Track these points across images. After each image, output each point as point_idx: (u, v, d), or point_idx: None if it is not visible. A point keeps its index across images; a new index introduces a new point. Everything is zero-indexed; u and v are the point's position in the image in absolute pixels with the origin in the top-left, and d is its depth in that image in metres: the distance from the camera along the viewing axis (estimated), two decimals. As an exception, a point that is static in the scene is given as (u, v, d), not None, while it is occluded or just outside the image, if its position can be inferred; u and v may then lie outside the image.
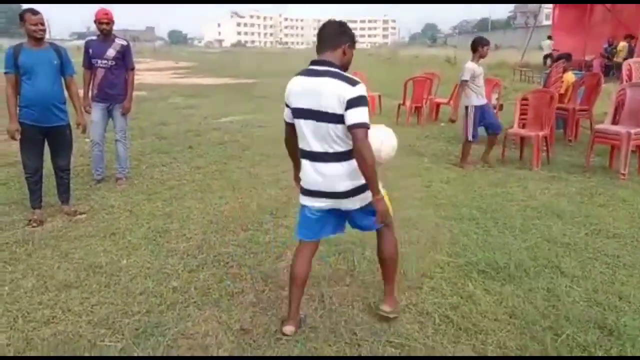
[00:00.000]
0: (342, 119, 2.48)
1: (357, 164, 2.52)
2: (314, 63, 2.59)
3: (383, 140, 2.84)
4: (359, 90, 2.47)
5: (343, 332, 2.81)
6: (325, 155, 2.57)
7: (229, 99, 13.58)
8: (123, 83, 5.44)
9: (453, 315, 2.97)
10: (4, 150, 6.72)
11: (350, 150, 2.53)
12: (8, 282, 3.37)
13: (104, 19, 5.23)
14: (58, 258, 3.74)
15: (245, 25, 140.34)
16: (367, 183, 2.55)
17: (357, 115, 2.44)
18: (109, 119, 5.52)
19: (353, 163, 2.54)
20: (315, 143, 2.57)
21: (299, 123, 2.61)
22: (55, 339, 2.75)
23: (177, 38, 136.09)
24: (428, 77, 10.41)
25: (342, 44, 2.60)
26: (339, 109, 2.46)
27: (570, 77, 8.36)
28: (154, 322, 2.91)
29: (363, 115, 2.46)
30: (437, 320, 2.93)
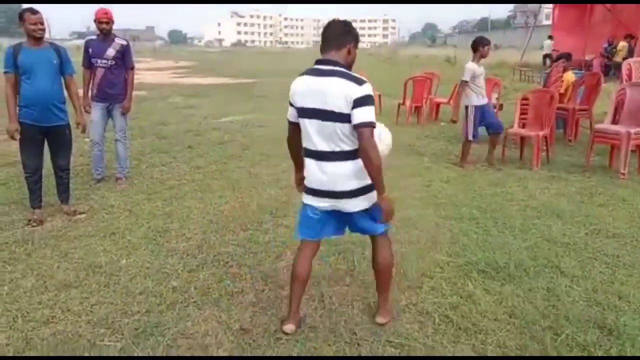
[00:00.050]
0: (348, 118, 2.47)
1: (361, 165, 2.53)
2: (320, 62, 2.58)
3: (381, 138, 2.85)
4: (366, 90, 2.48)
5: (343, 331, 2.82)
6: (332, 154, 2.57)
7: (229, 99, 13.58)
8: (123, 83, 5.44)
9: (453, 315, 2.97)
10: (4, 150, 6.72)
11: (357, 150, 2.54)
12: (7, 281, 3.37)
13: (104, 19, 5.22)
14: (58, 258, 3.74)
15: (245, 25, 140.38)
16: (372, 183, 2.55)
17: (363, 115, 2.45)
18: (109, 119, 5.52)
19: (359, 162, 2.55)
20: (321, 142, 2.57)
21: (304, 122, 2.61)
22: (55, 339, 2.75)
23: (177, 38, 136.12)
24: (428, 76, 10.41)
25: (347, 44, 2.60)
26: (346, 108, 2.46)
27: (570, 76, 8.36)
28: (154, 321, 2.91)
29: (369, 115, 2.47)
30: (436, 320, 2.93)
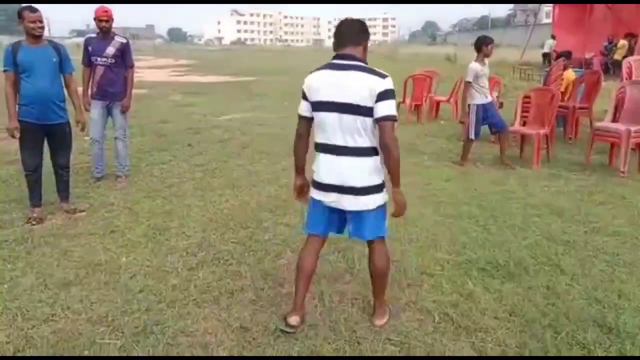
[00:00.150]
0: (370, 112, 2.51)
1: (374, 163, 2.60)
2: (339, 57, 2.60)
3: None
4: (389, 84, 2.52)
5: (343, 329, 2.82)
6: (348, 149, 2.59)
7: (229, 97, 13.56)
8: (122, 81, 5.43)
9: (453, 313, 2.97)
10: (4, 149, 6.71)
11: (372, 148, 2.59)
12: (7, 279, 3.37)
13: (104, 17, 5.21)
14: (57, 256, 3.73)
15: (245, 23, 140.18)
16: (389, 177, 2.60)
17: (386, 108, 2.50)
18: (109, 117, 5.52)
19: (372, 161, 2.61)
20: (338, 136, 2.59)
21: (321, 116, 2.62)
22: (55, 337, 2.75)
23: (176, 36, 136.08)
24: (428, 75, 10.40)
25: (363, 41, 2.65)
26: (370, 102, 2.49)
27: (571, 74, 8.36)
28: (154, 320, 2.91)
29: (392, 108, 2.51)
30: (436, 318, 2.94)
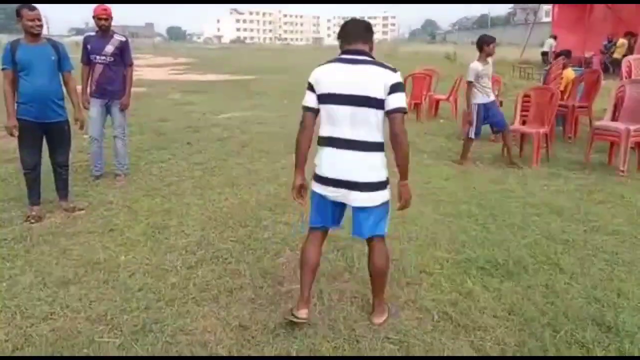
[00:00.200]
0: (382, 105, 2.57)
1: (381, 158, 2.64)
2: (350, 52, 2.65)
3: None
4: (399, 77, 2.61)
5: (342, 328, 2.82)
6: (355, 143, 2.61)
7: (228, 96, 13.55)
8: (121, 79, 5.42)
9: (452, 312, 2.97)
10: (3, 147, 6.70)
11: (380, 143, 2.63)
12: (6, 278, 3.36)
13: (103, 15, 5.20)
14: (56, 254, 3.73)
15: (245, 22, 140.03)
16: (399, 169, 2.65)
17: (398, 100, 2.57)
18: (108, 115, 5.51)
19: (379, 156, 2.64)
20: (347, 130, 2.61)
21: (330, 109, 2.63)
22: (54, 335, 2.74)
23: (176, 34, 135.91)
24: (427, 73, 10.41)
25: (369, 39, 2.73)
26: (383, 94, 2.55)
27: (570, 73, 8.36)
28: (153, 318, 2.90)
29: (403, 101, 2.59)
30: (435, 317, 2.94)
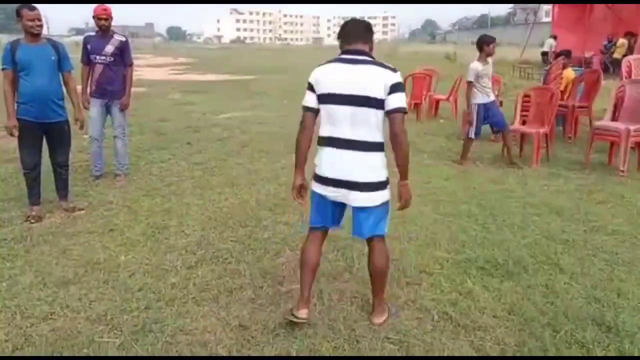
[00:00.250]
0: (382, 104, 2.57)
1: (381, 158, 2.64)
2: (350, 52, 2.66)
3: None
4: (399, 77, 2.62)
5: (342, 328, 2.82)
6: (355, 143, 2.62)
7: (228, 96, 13.55)
8: (121, 79, 5.42)
9: (452, 312, 2.97)
10: (3, 147, 6.70)
11: (380, 143, 2.64)
12: (6, 278, 3.36)
13: (103, 15, 5.20)
14: (56, 254, 3.73)
15: (245, 22, 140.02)
16: (399, 169, 2.67)
17: (398, 100, 2.58)
18: (108, 115, 5.51)
19: (379, 156, 2.65)
20: (347, 130, 2.61)
21: (330, 109, 2.63)
22: (54, 335, 2.74)
23: (176, 34, 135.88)
24: (427, 73, 10.40)
25: (369, 39, 2.74)
26: (383, 94, 2.56)
27: (570, 73, 8.36)
28: (153, 318, 2.90)
29: (403, 101, 2.60)
30: (435, 317, 2.94)
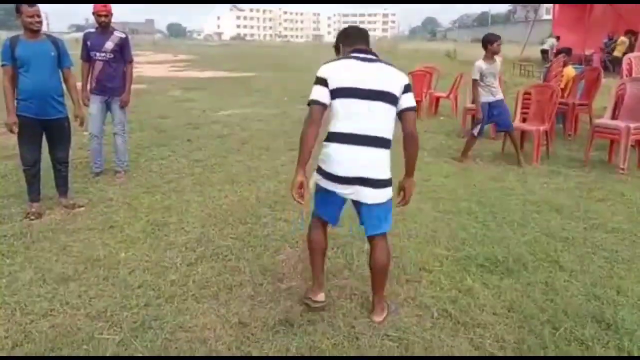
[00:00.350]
0: (396, 101, 2.67)
1: (389, 155, 2.70)
2: (361, 52, 2.73)
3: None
4: (408, 78, 2.78)
5: (341, 325, 2.82)
6: (370, 139, 2.64)
7: (228, 93, 13.53)
8: (121, 76, 5.41)
9: (451, 309, 2.97)
10: (2, 143, 6.70)
11: (390, 140, 2.69)
12: (6, 274, 3.36)
13: (103, 11, 5.19)
14: (56, 251, 3.73)
15: (245, 19, 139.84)
16: (409, 166, 2.79)
17: (411, 99, 2.72)
18: (108, 112, 5.50)
19: (388, 153, 2.70)
20: (364, 125, 2.63)
21: (348, 103, 2.64)
22: (53, 332, 2.74)
23: (176, 31, 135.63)
24: (427, 71, 10.39)
25: (369, 44, 2.85)
26: (398, 92, 2.67)
27: (570, 71, 8.34)
28: (152, 315, 2.91)
29: (414, 100, 2.75)
30: (435, 314, 2.94)
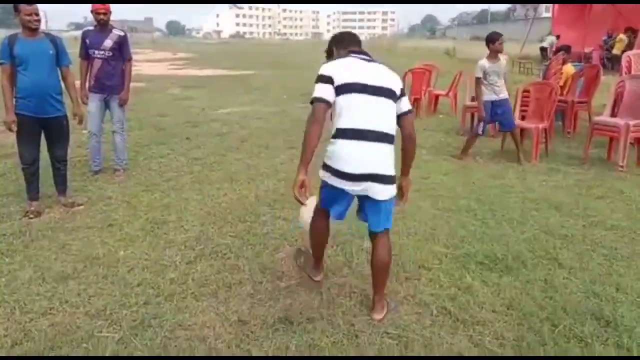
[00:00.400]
0: (396, 100, 2.75)
1: (393, 152, 2.74)
2: (360, 53, 2.81)
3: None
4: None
5: (340, 323, 2.82)
6: (380, 135, 2.66)
7: (227, 91, 13.52)
8: (120, 74, 5.40)
9: (451, 307, 2.98)
10: (1, 142, 6.69)
11: (394, 136, 2.73)
12: (5, 273, 3.36)
13: (101, 9, 5.18)
14: (55, 249, 3.73)
15: (244, 17, 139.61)
16: (407, 165, 2.89)
17: (408, 103, 2.83)
18: (106, 110, 5.50)
19: (393, 150, 2.73)
20: (376, 121, 2.65)
21: (356, 98, 2.64)
22: (53, 330, 2.74)
23: (175, 29, 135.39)
24: (427, 68, 10.38)
25: (362, 46, 2.93)
26: (398, 92, 2.76)
27: (570, 69, 8.34)
28: (152, 313, 2.91)
29: (409, 104, 2.86)
30: (434, 312, 2.94)
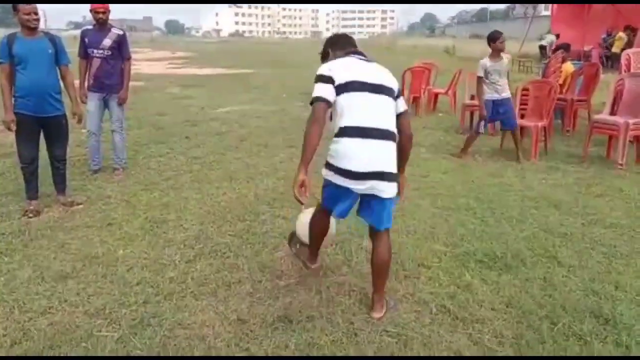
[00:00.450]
0: (395, 100, 2.76)
1: (395, 147, 2.72)
2: (358, 53, 2.83)
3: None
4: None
5: (340, 321, 2.82)
6: (385, 133, 2.66)
7: (227, 90, 13.51)
8: (119, 73, 5.40)
9: (450, 305, 2.98)
10: (0, 141, 6.68)
11: (396, 134, 2.72)
12: (4, 272, 3.36)
13: (100, 8, 5.16)
14: (54, 248, 3.73)
15: (243, 15, 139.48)
16: (404, 164, 2.86)
17: (404, 103, 2.84)
18: (106, 109, 5.49)
19: (395, 147, 2.72)
20: (376, 118, 2.66)
21: (359, 96, 2.64)
22: (52, 329, 2.74)
23: (174, 28, 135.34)
24: (426, 67, 10.37)
25: (357, 47, 2.93)
26: (396, 91, 2.78)
27: (569, 67, 8.34)
28: (151, 312, 2.91)
29: (406, 104, 2.88)
30: (434, 310, 2.94)
